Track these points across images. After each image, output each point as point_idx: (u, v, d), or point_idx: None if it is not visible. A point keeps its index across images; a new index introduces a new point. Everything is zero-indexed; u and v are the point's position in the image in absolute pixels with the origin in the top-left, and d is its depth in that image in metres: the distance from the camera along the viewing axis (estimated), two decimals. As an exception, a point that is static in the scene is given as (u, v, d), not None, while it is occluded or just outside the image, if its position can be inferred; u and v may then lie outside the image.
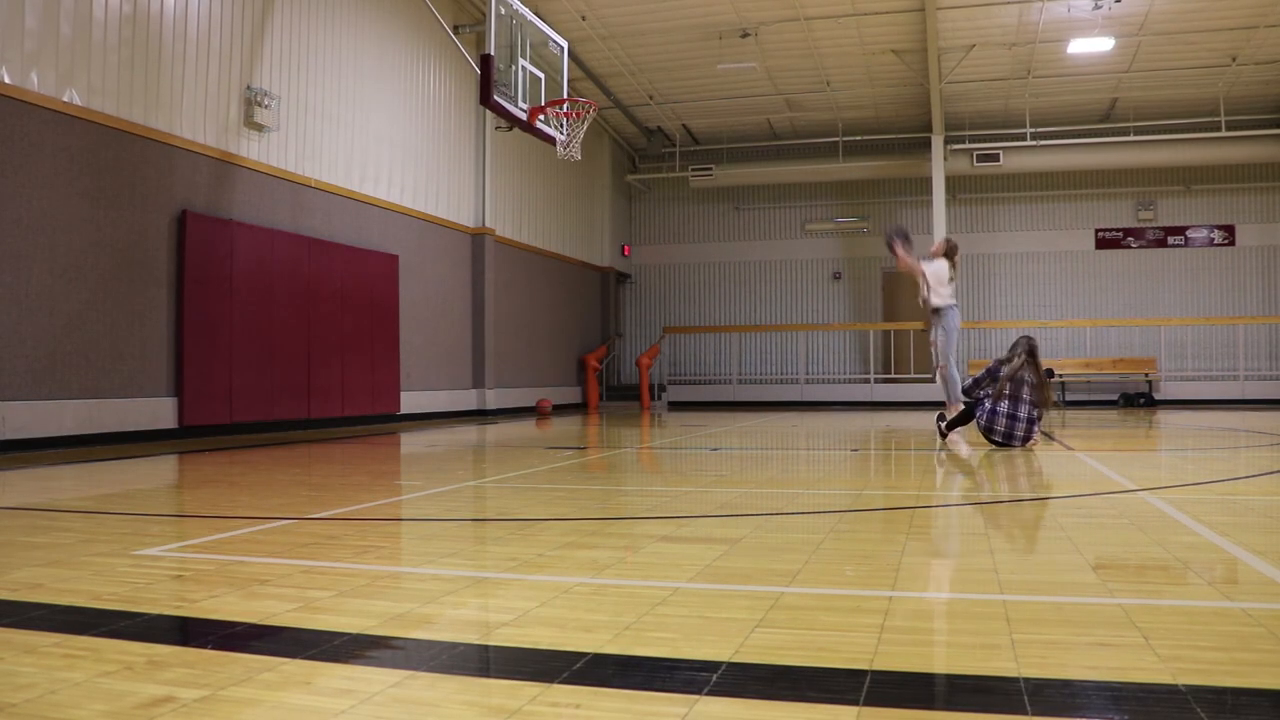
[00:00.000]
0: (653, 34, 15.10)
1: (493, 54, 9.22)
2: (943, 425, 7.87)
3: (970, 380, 7.44)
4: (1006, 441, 7.03)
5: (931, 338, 8.98)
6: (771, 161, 20.23)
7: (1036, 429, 7.23)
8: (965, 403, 7.59)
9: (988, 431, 7.14)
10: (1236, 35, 14.85)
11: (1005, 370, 7.12)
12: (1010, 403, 7.04)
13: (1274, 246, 18.50)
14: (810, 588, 2.47)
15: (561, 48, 11.01)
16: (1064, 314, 19.11)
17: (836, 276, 20.39)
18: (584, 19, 14.43)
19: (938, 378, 8.88)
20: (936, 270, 8.79)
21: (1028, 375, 7.09)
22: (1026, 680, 1.69)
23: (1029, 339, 7.29)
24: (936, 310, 8.83)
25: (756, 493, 4.80)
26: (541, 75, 10.34)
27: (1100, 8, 13.73)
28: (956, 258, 9.00)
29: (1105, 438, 8.95)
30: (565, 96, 10.82)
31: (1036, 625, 2.08)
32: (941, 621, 2.22)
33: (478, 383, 14.31)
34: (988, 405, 7.15)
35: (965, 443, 7.74)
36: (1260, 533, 3.48)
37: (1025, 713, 1.53)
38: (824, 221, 20.42)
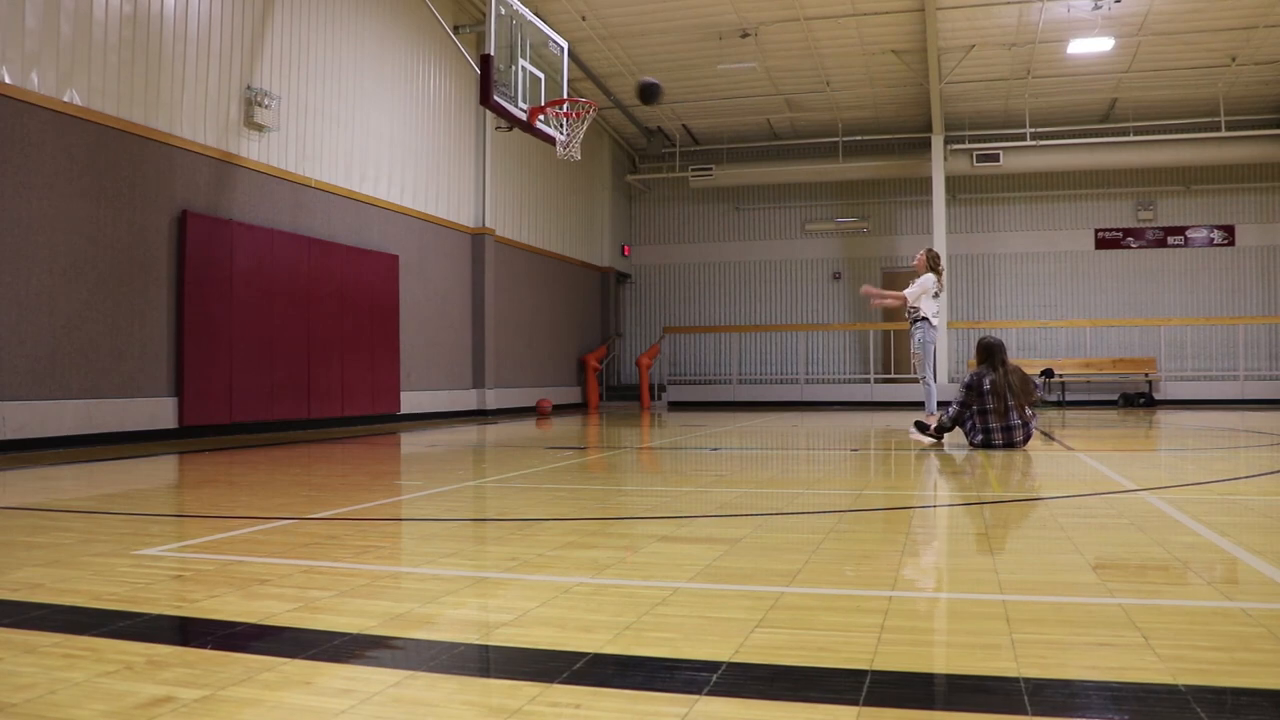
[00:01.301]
0: (653, 34, 15.10)
1: (493, 54, 9.22)
2: (932, 428, 7.88)
3: (955, 407, 7.33)
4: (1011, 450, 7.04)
5: (913, 348, 8.90)
6: (771, 161, 20.23)
7: (1033, 426, 7.24)
8: (945, 419, 7.57)
9: (988, 447, 7.14)
10: (1236, 35, 14.85)
11: (989, 384, 7.09)
12: (999, 416, 7.05)
13: (1274, 246, 18.49)
14: (810, 588, 2.47)
15: (561, 48, 11.01)
16: (1064, 314, 19.11)
17: (836, 276, 20.38)
18: (584, 19, 14.43)
19: (922, 384, 8.86)
20: (923, 283, 8.68)
21: (1010, 381, 7.08)
22: (1026, 680, 1.69)
23: (990, 344, 7.24)
24: (917, 320, 8.73)
25: (756, 493, 4.80)
26: (541, 75, 10.34)
27: (1100, 8, 13.73)
28: (940, 268, 8.89)
29: (1105, 438, 8.95)
30: (565, 96, 10.82)
31: (1036, 625, 2.08)
32: (941, 621, 2.22)
33: (478, 383, 14.31)
34: (979, 424, 7.14)
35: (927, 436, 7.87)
36: (1260, 533, 3.48)
37: (1025, 713, 1.53)
38: (824, 221, 20.42)
